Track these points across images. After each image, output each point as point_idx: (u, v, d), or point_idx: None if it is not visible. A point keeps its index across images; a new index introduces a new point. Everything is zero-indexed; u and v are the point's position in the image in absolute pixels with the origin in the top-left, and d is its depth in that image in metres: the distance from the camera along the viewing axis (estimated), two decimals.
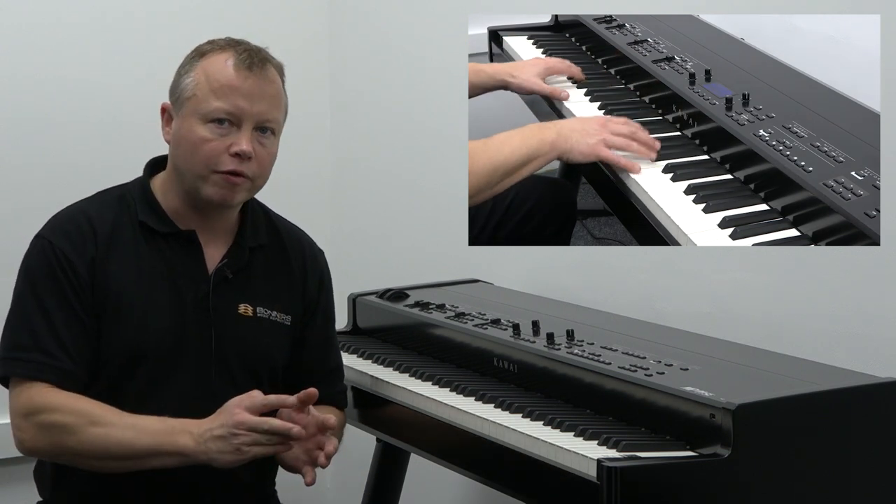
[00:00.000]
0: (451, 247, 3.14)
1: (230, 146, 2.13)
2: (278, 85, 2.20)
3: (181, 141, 2.17)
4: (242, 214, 2.28)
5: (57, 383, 2.12)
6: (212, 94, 2.14)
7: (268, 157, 2.19)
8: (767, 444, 1.94)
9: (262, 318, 2.25)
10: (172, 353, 2.17)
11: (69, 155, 3.23)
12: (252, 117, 2.14)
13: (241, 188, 2.17)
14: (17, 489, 2.43)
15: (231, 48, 2.18)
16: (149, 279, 2.19)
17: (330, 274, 2.39)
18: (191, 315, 2.19)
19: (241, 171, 2.14)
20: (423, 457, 2.51)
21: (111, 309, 2.16)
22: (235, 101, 2.14)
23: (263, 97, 2.16)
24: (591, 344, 2.32)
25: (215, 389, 2.17)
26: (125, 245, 2.19)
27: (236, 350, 2.22)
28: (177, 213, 2.22)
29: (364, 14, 3.64)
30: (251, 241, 2.27)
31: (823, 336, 2.45)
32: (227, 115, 2.14)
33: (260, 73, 2.16)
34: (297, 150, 3.61)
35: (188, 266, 2.21)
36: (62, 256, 2.15)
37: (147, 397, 2.16)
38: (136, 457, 2.08)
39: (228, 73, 2.15)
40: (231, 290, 2.23)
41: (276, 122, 2.19)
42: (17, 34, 3.18)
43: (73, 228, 2.18)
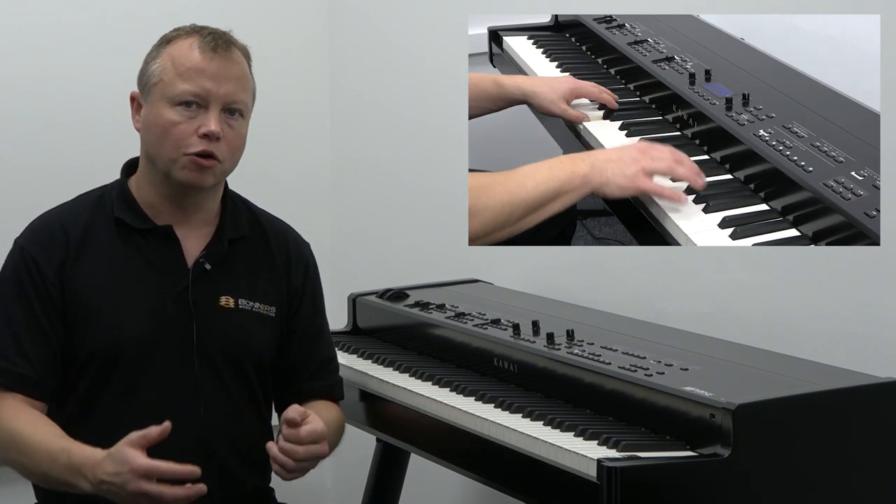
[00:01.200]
0: (451, 247, 3.13)
1: (199, 127, 2.15)
2: (244, 66, 2.22)
3: (150, 126, 2.18)
4: (222, 207, 2.29)
5: (15, 389, 2.14)
6: (178, 78, 2.16)
7: (237, 140, 2.20)
8: (767, 444, 1.94)
9: (244, 310, 2.25)
10: (153, 348, 2.18)
11: (68, 155, 3.22)
12: (219, 98, 2.16)
13: (212, 171, 2.18)
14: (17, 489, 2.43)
15: (196, 33, 2.20)
16: (125, 276, 2.20)
17: (316, 265, 2.39)
18: (171, 309, 2.20)
19: (210, 151, 2.16)
20: (423, 457, 2.51)
21: (85, 309, 2.17)
22: (202, 83, 2.15)
23: (229, 78, 2.18)
24: (591, 344, 2.32)
25: (199, 383, 2.18)
26: (99, 244, 2.21)
27: (219, 343, 2.22)
28: (154, 209, 2.23)
29: (364, 14, 3.64)
30: (231, 234, 2.27)
31: (823, 336, 2.45)
32: (193, 96, 2.15)
33: (225, 54, 2.18)
34: (297, 150, 3.63)
35: (167, 261, 2.22)
36: (30, 260, 2.18)
37: (130, 393, 2.17)
38: (56, 483, 2.08)
39: (194, 56, 2.17)
40: (211, 282, 2.23)
41: (244, 104, 2.20)
42: (17, 34, 3.18)
43: (44, 233, 2.21)
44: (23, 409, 2.13)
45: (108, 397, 2.17)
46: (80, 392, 2.18)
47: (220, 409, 2.21)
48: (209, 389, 2.18)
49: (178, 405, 2.15)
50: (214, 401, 2.20)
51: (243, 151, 2.24)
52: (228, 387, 2.21)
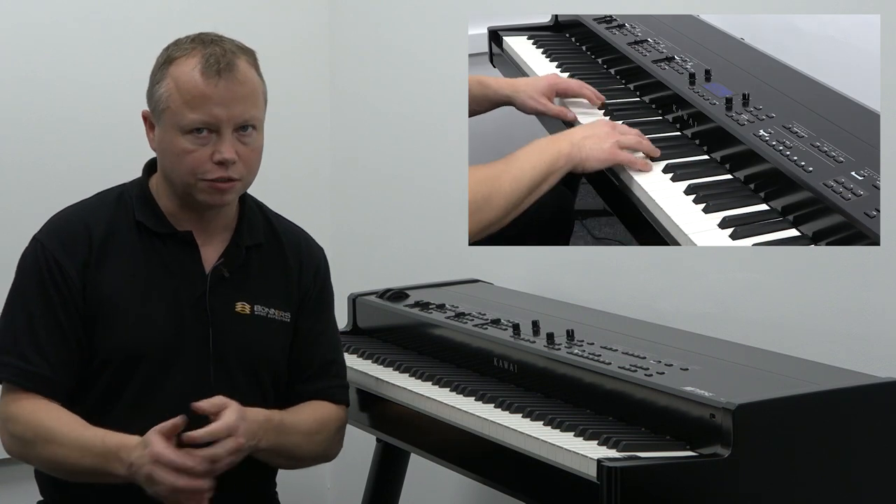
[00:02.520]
0: (451, 247, 3.14)
1: (213, 154, 2.13)
2: (251, 80, 2.17)
3: (165, 152, 2.18)
4: (240, 214, 2.29)
5: (32, 389, 2.14)
6: (185, 107, 2.13)
7: (253, 155, 2.19)
8: (767, 444, 1.94)
9: (260, 317, 2.26)
10: (170, 353, 2.18)
11: (68, 155, 3.23)
12: (230, 121, 2.13)
13: (231, 190, 2.18)
14: (17, 489, 2.44)
15: (197, 51, 2.15)
16: (145, 280, 2.20)
17: (328, 268, 2.39)
18: (188, 315, 2.20)
19: (227, 176, 2.15)
20: (423, 457, 2.51)
21: (106, 311, 2.17)
22: (210, 111, 2.12)
23: (237, 100, 2.14)
24: (591, 344, 2.32)
25: (214, 388, 2.17)
26: (121, 246, 2.20)
27: (234, 348, 2.22)
28: (173, 214, 2.23)
29: (364, 14, 3.64)
30: (248, 240, 2.27)
31: (823, 336, 2.45)
32: (203, 124, 2.13)
33: (229, 76, 2.13)
34: (297, 150, 3.63)
35: (185, 266, 2.22)
36: (52, 260, 2.17)
37: (146, 397, 2.17)
38: (83, 474, 2.10)
39: (197, 83, 2.12)
40: (228, 288, 2.24)
41: (256, 119, 2.18)
42: (17, 34, 3.18)
43: (67, 232, 2.20)
44: (44, 404, 2.14)
45: (123, 401, 2.17)
46: (95, 394, 2.18)
47: None
48: (224, 394, 2.17)
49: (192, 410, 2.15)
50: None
51: (261, 159, 2.23)
52: (243, 393, 2.20)
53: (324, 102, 3.70)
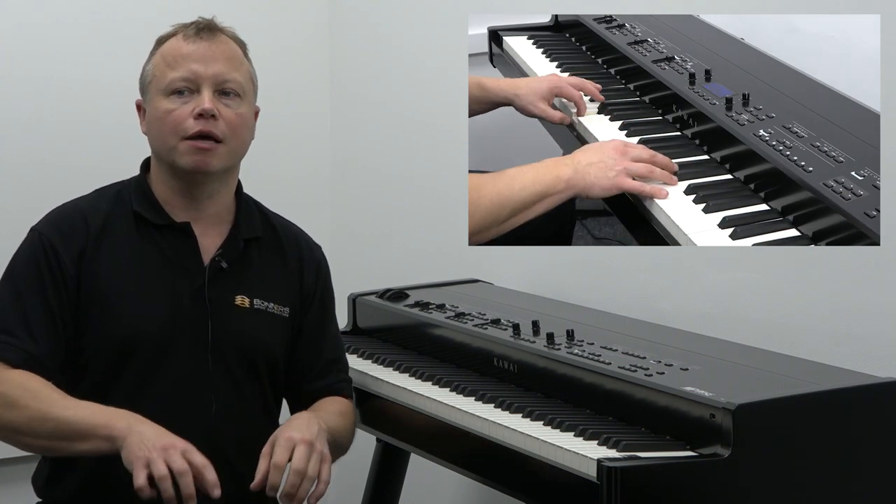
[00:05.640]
0: (451, 247, 3.14)
1: (193, 109, 2.16)
2: (232, 47, 2.24)
3: (152, 122, 2.21)
4: (237, 207, 2.29)
5: (18, 364, 2.12)
6: (168, 69, 2.19)
7: (236, 119, 2.20)
8: (767, 444, 1.94)
9: (259, 310, 2.26)
10: (167, 344, 2.18)
11: (67, 155, 3.23)
12: (209, 78, 2.18)
13: (214, 153, 2.18)
14: (17, 489, 2.44)
15: (182, 27, 2.24)
16: (143, 270, 2.20)
17: (328, 267, 2.40)
18: (187, 306, 2.20)
19: (207, 130, 2.16)
20: (423, 457, 2.51)
21: (102, 301, 2.17)
22: (189, 66, 2.18)
23: (216, 58, 2.20)
24: (591, 344, 2.32)
25: (212, 380, 2.19)
26: (119, 237, 2.21)
27: (233, 341, 2.23)
28: (171, 205, 2.24)
29: (364, 14, 3.64)
30: (246, 233, 2.28)
31: (823, 336, 2.45)
32: (184, 81, 2.18)
33: (209, 37, 2.21)
34: (297, 150, 3.63)
35: (183, 257, 2.22)
36: (49, 247, 2.18)
37: (143, 387, 2.17)
38: (69, 437, 2.06)
39: (179, 45, 2.21)
40: (227, 281, 2.24)
41: (237, 84, 2.21)
42: (17, 34, 3.18)
43: (64, 222, 2.21)
44: (30, 375, 2.12)
45: (120, 391, 2.17)
46: (92, 384, 2.17)
47: (232, 406, 2.22)
48: (221, 387, 2.19)
49: (190, 401, 2.16)
50: (226, 398, 2.21)
51: (252, 136, 2.25)
52: (240, 385, 2.22)
53: (324, 102, 3.70)
